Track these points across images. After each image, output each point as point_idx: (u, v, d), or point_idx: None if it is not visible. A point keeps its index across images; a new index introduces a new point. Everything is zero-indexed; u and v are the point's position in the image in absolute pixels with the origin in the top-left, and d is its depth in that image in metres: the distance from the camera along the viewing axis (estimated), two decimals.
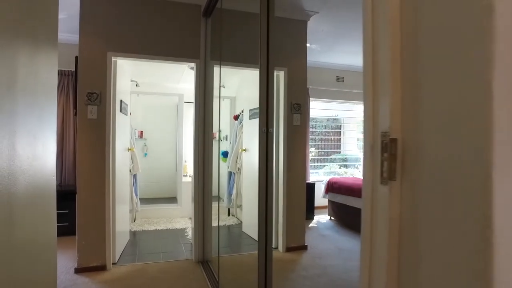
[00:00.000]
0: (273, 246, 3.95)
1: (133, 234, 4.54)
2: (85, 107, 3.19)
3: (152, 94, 6.19)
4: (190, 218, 5.37)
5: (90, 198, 3.26)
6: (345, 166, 7.64)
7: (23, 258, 1.29)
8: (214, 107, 3.54)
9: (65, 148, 4.70)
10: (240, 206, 4.83)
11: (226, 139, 6.07)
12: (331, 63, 6.42)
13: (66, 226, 4.29)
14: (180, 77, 5.50)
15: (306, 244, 3.98)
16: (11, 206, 1.14)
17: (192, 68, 4.95)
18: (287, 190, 3.82)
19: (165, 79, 5.71)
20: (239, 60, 3.67)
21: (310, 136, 6.69)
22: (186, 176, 6.02)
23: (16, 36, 1.18)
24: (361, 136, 7.82)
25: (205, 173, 3.59)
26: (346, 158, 7.74)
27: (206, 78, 3.51)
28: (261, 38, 1.99)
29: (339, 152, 7.77)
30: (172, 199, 6.52)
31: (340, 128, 7.82)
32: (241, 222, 4.91)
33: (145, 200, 5.49)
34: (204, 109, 3.52)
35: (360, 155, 7.41)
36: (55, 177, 1.61)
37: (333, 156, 7.55)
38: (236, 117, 5.17)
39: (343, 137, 7.72)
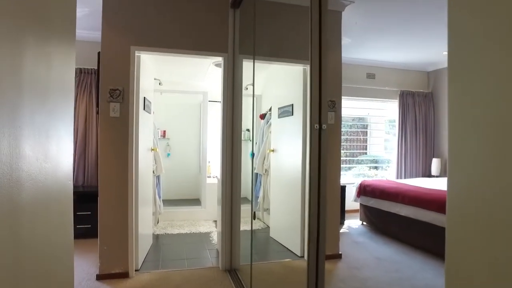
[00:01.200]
0: (300, 255, 3.67)
1: (156, 237, 4.36)
2: (108, 104, 3.01)
3: (176, 92, 6.02)
4: (215, 221, 5.17)
5: (113, 201, 3.08)
6: (375, 167, 7.26)
7: (32, 278, 1.07)
8: (241, 104, 3.30)
9: (87, 148, 4.57)
10: (266, 210, 4.57)
11: (251, 139, 5.82)
12: (362, 58, 6.07)
13: (89, 228, 4.16)
14: (204, 75, 5.30)
15: (340, 253, 3.68)
16: (15, 218, 0.92)
17: (217, 65, 4.74)
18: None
19: (189, 76, 5.52)
20: (270, 54, 3.40)
21: None
22: (210, 177, 5.81)
23: (24, 22, 0.96)
24: (388, 137, 7.40)
25: (233, 175, 3.35)
26: (376, 159, 7.35)
27: (235, 73, 3.26)
28: (312, 31, 1.73)
29: (366, 153, 7.39)
30: (195, 201, 6.33)
31: (366, 128, 7.43)
32: (268, 226, 4.65)
33: (167, 202, 5.32)
34: (233, 107, 3.28)
35: (390, 156, 7.02)
36: (71, 181, 1.40)
37: (360, 157, 7.17)
38: (262, 116, 4.91)
39: (369, 137, 7.33)
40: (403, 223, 4.21)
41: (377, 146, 7.45)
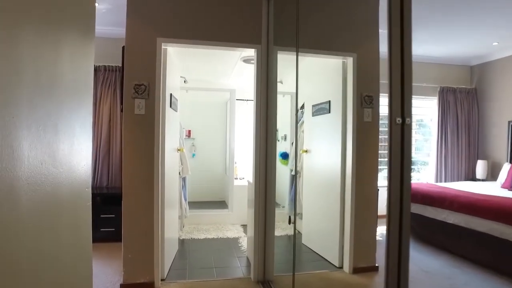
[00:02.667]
0: (337, 265, 3.35)
1: (182, 242, 4.13)
2: (132, 100, 2.79)
3: (202, 90, 5.79)
4: (243, 225, 4.90)
5: (137, 205, 2.86)
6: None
7: None
8: (276, 102, 3.01)
9: (112, 148, 4.41)
10: (299, 214, 4.26)
11: (285, 139, 5.52)
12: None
13: (113, 232, 3.98)
14: (232, 72, 5.05)
15: (377, 265, 3.31)
16: (7, 239, 0.67)
17: (246, 61, 4.47)
18: (355, 198, 3.19)
19: (215, 74, 5.28)
20: (308, 45, 3.10)
21: None
22: (237, 178, 5.55)
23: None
24: (420, 137, 6.90)
25: (267, 177, 3.06)
26: (413, 161, 6.87)
27: (269, 67, 2.98)
28: (392, 16, 1.42)
29: None
30: (221, 203, 6.09)
31: None
32: (299, 232, 4.34)
33: (192, 204, 5.09)
34: (267, 104, 2.99)
35: (425, 157, 6.54)
36: (89, 189, 1.15)
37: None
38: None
39: None
40: (451, 232, 3.79)
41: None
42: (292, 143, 4.68)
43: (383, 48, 3.86)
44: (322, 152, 3.72)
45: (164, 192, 3.02)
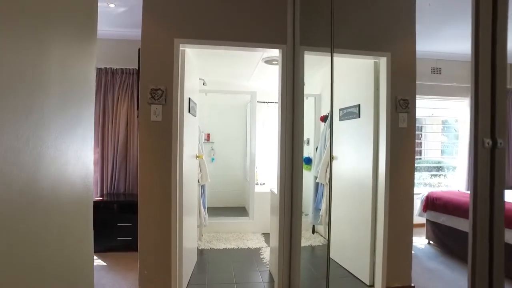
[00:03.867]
0: (368, 283, 3.07)
1: (201, 252, 3.94)
2: (148, 107, 2.61)
3: (221, 93, 5.61)
4: (264, 234, 4.68)
5: (154, 217, 2.69)
6: (437, 175, 6.37)
7: None
8: (303, 105, 2.77)
9: (129, 154, 4.27)
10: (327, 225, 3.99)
11: (308, 143, 5.26)
12: (426, 51, 5.27)
13: (129, 241, 3.83)
14: (252, 73, 4.83)
15: (412, 285, 3.01)
16: None
17: (267, 62, 4.25)
18: (389, 209, 2.91)
19: (235, 75, 5.08)
20: (336, 45, 2.84)
21: None
22: (258, 184, 5.33)
23: None
24: (445, 139, 6.47)
25: (293, 183, 2.83)
26: (440, 166, 6.45)
27: (295, 68, 2.74)
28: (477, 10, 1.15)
29: (420, 158, 6.49)
30: (241, 209, 5.89)
31: (421, 130, 6.55)
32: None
33: (211, 210, 4.91)
34: (293, 108, 2.75)
35: (453, 162, 6.11)
36: (91, 210, 0.96)
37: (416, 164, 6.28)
38: (323, 119, 4.33)
39: (424, 141, 6.43)
40: None
41: (434, 151, 6.52)
42: (316, 148, 4.41)
43: (420, 46, 3.56)
44: (350, 160, 3.45)
45: (182, 202, 2.83)
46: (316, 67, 4.20)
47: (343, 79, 3.62)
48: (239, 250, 4.09)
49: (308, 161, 4.95)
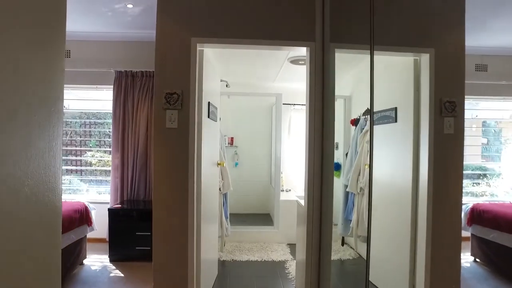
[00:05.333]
0: None
1: (222, 264, 3.73)
2: (163, 112, 2.41)
3: (245, 95, 5.39)
4: (289, 245, 4.41)
5: (170, 226, 2.51)
6: (479, 183, 5.80)
7: None
8: (333, 108, 2.48)
9: (149, 159, 4.12)
10: (360, 237, 3.67)
11: (337, 147, 4.94)
12: (469, 46, 4.80)
13: (148, 251, 3.66)
14: (277, 75, 4.58)
15: None
16: None
17: (293, 62, 3.98)
18: (432, 225, 2.55)
19: (259, 77, 4.84)
20: (368, 40, 2.52)
21: None
22: (283, 190, 5.06)
23: None
24: (485, 140, 5.90)
25: (323, 191, 2.55)
26: (484, 173, 5.88)
27: (325, 67, 2.45)
28: None
29: None
30: (265, 217, 5.64)
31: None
32: (362, 257, 3.75)
33: (234, 217, 4.68)
34: (323, 110, 2.47)
35: (497, 168, 5.56)
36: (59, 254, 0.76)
37: None
38: (353, 122, 4.01)
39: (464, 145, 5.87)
40: None
41: (475, 157, 5.94)
42: (347, 154, 4.08)
43: (470, 41, 3.16)
44: (386, 168, 3.11)
45: (200, 211, 2.63)
46: (345, 67, 3.88)
47: (377, 79, 3.29)
48: (262, 262, 3.84)
49: (338, 167, 4.62)
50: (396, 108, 2.94)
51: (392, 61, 2.98)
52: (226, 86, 4.40)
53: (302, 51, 2.79)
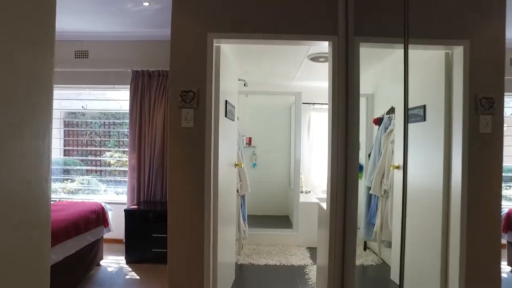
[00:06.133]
0: None
1: (240, 268, 3.62)
2: (179, 111, 2.32)
3: (263, 94, 5.27)
4: (309, 248, 4.26)
5: (185, 228, 2.42)
6: None
7: None
8: (358, 107, 2.33)
9: (166, 160, 4.06)
10: (384, 242, 3.49)
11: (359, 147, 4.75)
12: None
13: (164, 253, 3.57)
14: (296, 73, 4.44)
15: None
16: None
17: (313, 59, 3.83)
18: (466, 231, 2.35)
19: (278, 75, 4.72)
20: (395, 33, 2.35)
21: None
22: (303, 192, 4.90)
23: None
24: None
25: (347, 193, 2.39)
26: None
27: (349, 63, 2.30)
28: None
29: None
30: (284, 219, 5.50)
31: None
32: (387, 264, 3.56)
33: (252, 219, 4.56)
34: (347, 108, 2.31)
35: None
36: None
37: None
38: (376, 121, 3.83)
39: None
40: None
41: (507, 157, 5.61)
42: (369, 155, 3.90)
43: (509, 33, 2.92)
44: (413, 169, 2.92)
45: (217, 213, 2.53)
46: (368, 63, 3.70)
47: (403, 75, 3.11)
48: (281, 267, 3.70)
49: (359, 168, 4.44)
50: (424, 106, 2.75)
51: (420, 56, 2.79)
52: (244, 85, 4.29)
53: (323, 47, 2.65)
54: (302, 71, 4.29)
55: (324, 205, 2.83)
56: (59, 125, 5.03)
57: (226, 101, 2.75)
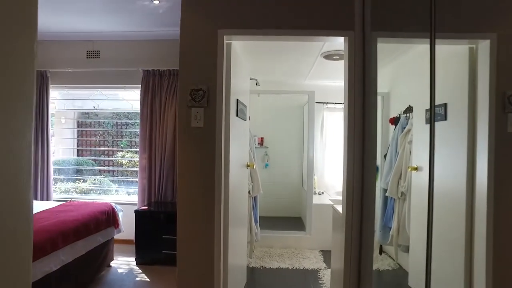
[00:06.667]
0: None
1: (251, 271, 3.53)
2: (188, 110, 2.25)
3: (275, 93, 5.18)
4: (322, 252, 4.15)
5: (196, 233, 2.37)
6: None
7: None
8: (375, 107, 2.22)
9: (176, 161, 4.00)
10: (400, 246, 3.36)
11: None
12: None
13: (175, 256, 3.52)
14: (309, 71, 4.34)
15: None
16: None
17: (327, 57, 3.72)
18: (493, 238, 2.21)
19: (290, 74, 4.62)
20: (413, 27, 2.23)
21: None
22: (316, 193, 4.79)
23: None
24: None
25: (364, 197, 2.28)
26: None
27: (366, 59, 2.19)
28: None
29: None
30: (296, 220, 5.40)
31: None
32: (403, 269, 3.44)
33: (263, 220, 4.46)
34: (363, 107, 2.20)
35: None
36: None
37: None
38: (393, 121, 3.69)
39: None
40: None
41: None
42: (385, 156, 3.76)
43: None
44: (437, 171, 2.79)
45: (227, 215, 2.46)
46: (383, 60, 3.57)
47: (423, 72, 2.97)
48: (294, 270, 3.60)
49: (376, 169, 4.30)
50: (445, 104, 2.62)
51: (440, 51, 2.65)
52: (256, 84, 4.20)
53: (337, 44, 2.55)
54: (315, 69, 4.19)
55: (339, 208, 2.73)
56: (73, 125, 5.04)
57: (237, 100, 2.67)
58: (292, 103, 5.76)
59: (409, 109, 3.44)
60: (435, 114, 2.70)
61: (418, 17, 2.21)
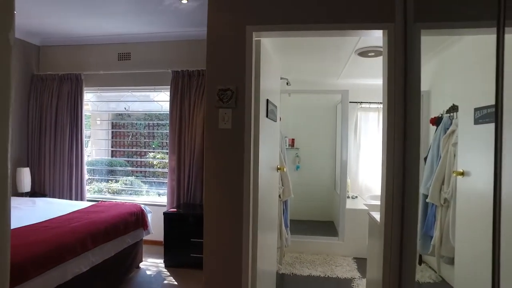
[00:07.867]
0: None
1: (281, 278, 3.40)
2: (216, 111, 2.16)
3: (307, 93, 5.01)
4: (355, 259, 3.94)
5: (223, 238, 2.28)
6: None
7: None
8: (419, 107, 2.01)
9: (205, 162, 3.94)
10: (443, 258, 3.11)
11: None
12: None
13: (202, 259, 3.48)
14: (342, 69, 4.15)
15: None
16: None
17: (361, 54, 3.51)
18: None
19: (323, 73, 4.45)
20: (460, 15, 2.00)
21: None
22: (349, 197, 4.58)
23: None
24: None
25: (405, 204, 2.08)
26: None
27: (408, 55, 1.99)
28: None
29: None
30: (328, 224, 5.19)
31: None
32: (446, 282, 3.18)
33: (294, 224, 4.30)
34: (405, 107, 2.01)
35: None
36: None
37: None
38: (434, 121, 3.43)
39: None
40: None
41: None
42: (425, 158, 3.50)
43: None
44: (485, 176, 2.52)
45: (256, 219, 2.34)
46: (423, 56, 3.32)
47: (473, 67, 2.71)
48: (326, 279, 3.43)
49: None
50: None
51: (486, 44, 2.40)
52: (287, 83, 4.06)
53: (373, 39, 2.37)
54: (349, 67, 3.99)
55: (376, 216, 2.54)
56: (107, 127, 5.14)
57: (267, 100, 2.55)
58: (324, 103, 5.56)
59: (453, 108, 3.18)
60: (486, 115, 2.44)
61: (466, 4, 1.99)
